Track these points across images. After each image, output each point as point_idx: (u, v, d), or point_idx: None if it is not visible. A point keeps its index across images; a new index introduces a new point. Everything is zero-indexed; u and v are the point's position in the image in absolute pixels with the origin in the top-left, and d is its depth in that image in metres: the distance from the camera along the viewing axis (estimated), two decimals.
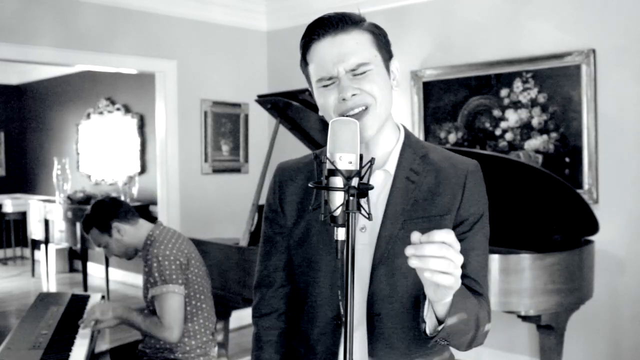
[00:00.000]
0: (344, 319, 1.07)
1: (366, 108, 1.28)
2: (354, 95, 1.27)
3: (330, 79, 1.28)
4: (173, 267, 2.59)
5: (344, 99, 1.27)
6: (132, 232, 2.75)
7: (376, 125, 1.30)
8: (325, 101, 1.30)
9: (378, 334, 1.32)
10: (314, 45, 1.30)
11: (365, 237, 1.32)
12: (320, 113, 1.37)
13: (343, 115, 1.27)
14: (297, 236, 1.39)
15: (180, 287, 2.58)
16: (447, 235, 1.01)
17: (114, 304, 2.68)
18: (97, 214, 2.77)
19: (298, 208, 1.40)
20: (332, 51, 1.28)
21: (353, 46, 1.28)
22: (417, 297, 1.30)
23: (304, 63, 1.35)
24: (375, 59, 1.30)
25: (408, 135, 1.41)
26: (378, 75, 1.29)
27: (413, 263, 1.00)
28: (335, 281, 1.33)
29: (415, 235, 1.02)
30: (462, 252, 1.31)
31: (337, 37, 1.28)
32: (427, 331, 1.18)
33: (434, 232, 1.00)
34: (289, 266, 1.44)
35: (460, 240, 1.31)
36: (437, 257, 1.00)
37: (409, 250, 1.00)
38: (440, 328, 1.14)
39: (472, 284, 1.32)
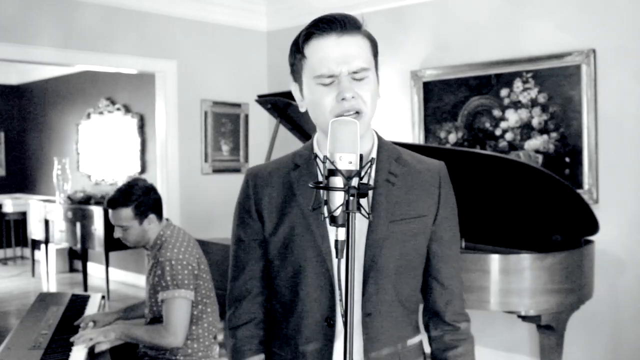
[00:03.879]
0: (343, 319, 1.07)
1: (358, 113, 1.29)
2: (353, 97, 1.28)
3: (330, 77, 1.28)
4: (185, 272, 2.58)
5: (343, 99, 1.27)
6: (156, 227, 2.72)
7: (362, 131, 1.29)
8: (321, 99, 1.30)
9: (369, 334, 1.34)
10: (316, 39, 1.30)
11: (355, 239, 1.33)
12: (302, 109, 1.38)
13: (339, 116, 1.26)
14: (278, 241, 1.38)
15: (190, 293, 2.57)
16: None
17: (113, 326, 2.64)
18: (144, 197, 2.66)
19: (278, 213, 1.38)
20: (337, 51, 1.28)
21: (357, 50, 1.29)
22: (406, 296, 1.37)
23: (299, 55, 1.34)
24: (372, 66, 1.33)
25: (380, 138, 1.43)
26: (372, 84, 1.32)
27: None
28: (325, 282, 1.33)
29: None
30: (450, 255, 1.41)
31: (342, 37, 1.29)
32: None
33: None
34: (265, 274, 1.43)
35: (448, 243, 1.41)
36: None
37: None
38: None
39: (450, 291, 1.42)
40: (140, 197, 2.66)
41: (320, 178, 1.11)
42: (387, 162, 1.38)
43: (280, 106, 3.76)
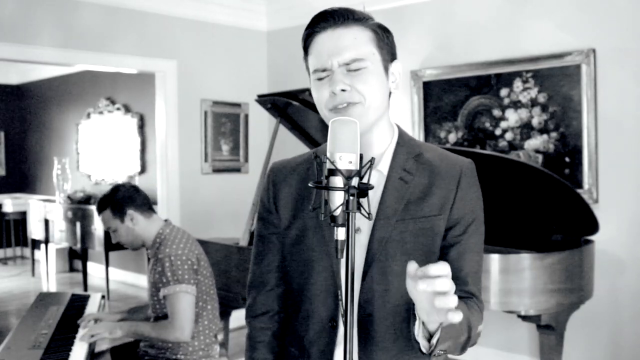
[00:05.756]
0: (343, 318, 1.06)
1: (354, 104, 1.27)
2: (343, 90, 1.26)
3: (324, 71, 1.28)
4: (185, 267, 2.59)
5: (333, 93, 1.26)
6: (144, 224, 2.73)
7: (365, 125, 1.28)
8: (319, 95, 1.30)
9: (369, 336, 1.31)
10: (315, 37, 1.30)
11: (360, 239, 1.31)
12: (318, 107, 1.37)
13: (333, 110, 1.27)
14: (292, 237, 1.38)
15: (192, 287, 2.58)
16: (444, 268, 1.01)
17: (120, 323, 2.65)
18: (115, 197, 2.73)
19: (293, 208, 1.39)
20: (329, 44, 1.27)
21: (351, 41, 1.27)
22: (410, 299, 1.28)
23: (305, 54, 1.34)
24: (373, 57, 1.29)
25: (402, 134, 1.40)
26: (373, 75, 1.28)
27: (440, 303, 0.99)
28: (330, 282, 1.32)
29: (412, 266, 1.03)
30: (457, 255, 1.32)
31: (336, 30, 1.27)
32: (423, 349, 1.16)
33: (430, 267, 1.00)
34: (282, 267, 1.43)
35: (455, 243, 1.32)
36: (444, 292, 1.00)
37: (421, 286, 0.99)
38: (435, 341, 1.13)
39: (467, 287, 1.33)
40: (114, 197, 2.74)
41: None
42: (403, 160, 1.35)
43: (280, 106, 3.76)
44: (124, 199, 2.72)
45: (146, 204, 2.77)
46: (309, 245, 1.35)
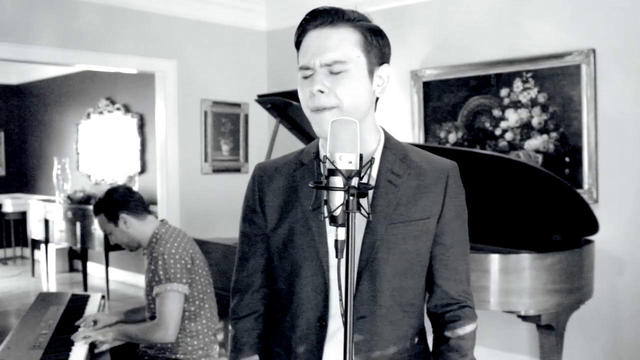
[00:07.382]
0: (343, 319, 1.07)
1: (337, 108, 1.27)
2: (320, 91, 1.25)
3: (307, 69, 1.28)
4: (178, 266, 2.59)
5: (312, 93, 1.26)
6: (138, 226, 2.75)
7: None
8: (302, 93, 1.31)
9: (363, 337, 1.32)
10: (305, 34, 1.31)
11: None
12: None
13: (313, 111, 1.28)
14: (279, 238, 1.37)
15: (184, 287, 2.58)
16: None
17: (112, 327, 2.68)
18: (108, 201, 2.77)
19: (279, 209, 1.38)
20: (315, 43, 1.28)
21: (335, 42, 1.26)
22: (401, 300, 1.33)
23: (297, 50, 1.35)
24: (357, 60, 1.27)
25: (388, 137, 1.40)
26: (354, 79, 1.27)
27: None
28: (320, 282, 1.32)
29: None
30: (452, 258, 1.37)
31: (324, 30, 1.28)
32: None
33: None
34: (268, 268, 1.43)
35: (449, 247, 1.36)
36: None
37: None
38: None
39: (464, 287, 1.40)
40: (107, 201, 2.78)
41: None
42: (390, 162, 1.34)
43: (280, 106, 3.76)
44: (116, 203, 2.75)
45: (140, 207, 2.79)
46: (297, 245, 1.34)
